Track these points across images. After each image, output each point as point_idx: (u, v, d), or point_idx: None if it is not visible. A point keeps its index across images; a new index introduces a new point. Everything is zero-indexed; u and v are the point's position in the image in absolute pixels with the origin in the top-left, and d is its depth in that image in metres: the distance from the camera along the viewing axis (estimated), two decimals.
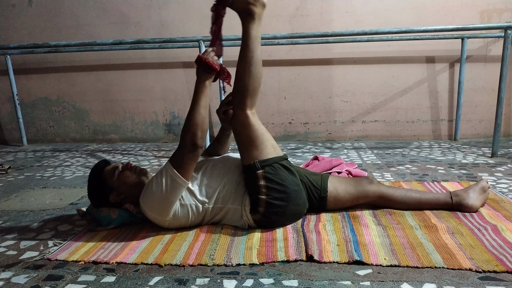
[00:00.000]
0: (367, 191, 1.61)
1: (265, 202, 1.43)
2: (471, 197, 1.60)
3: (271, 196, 1.43)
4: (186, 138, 1.40)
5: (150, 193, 1.42)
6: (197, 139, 1.39)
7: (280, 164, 1.47)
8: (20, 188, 2.26)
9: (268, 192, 1.43)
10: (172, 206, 1.43)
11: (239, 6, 1.47)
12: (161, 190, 1.39)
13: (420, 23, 3.30)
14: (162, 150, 3.38)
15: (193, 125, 1.40)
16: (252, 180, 1.45)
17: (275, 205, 1.43)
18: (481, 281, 1.08)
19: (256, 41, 1.48)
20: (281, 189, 1.44)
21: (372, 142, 3.50)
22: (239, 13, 1.49)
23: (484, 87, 3.42)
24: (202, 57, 1.44)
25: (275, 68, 3.58)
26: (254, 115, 1.50)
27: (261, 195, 1.43)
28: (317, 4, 3.42)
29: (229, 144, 1.76)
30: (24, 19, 3.74)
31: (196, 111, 1.41)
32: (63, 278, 1.18)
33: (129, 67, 3.76)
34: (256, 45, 1.48)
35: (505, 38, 2.47)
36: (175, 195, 1.41)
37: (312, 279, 1.13)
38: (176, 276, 1.18)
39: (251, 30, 1.47)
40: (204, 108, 1.43)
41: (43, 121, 3.97)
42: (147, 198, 1.43)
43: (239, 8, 1.48)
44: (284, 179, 1.45)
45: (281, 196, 1.44)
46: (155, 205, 1.43)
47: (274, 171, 1.44)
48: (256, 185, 1.44)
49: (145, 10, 3.61)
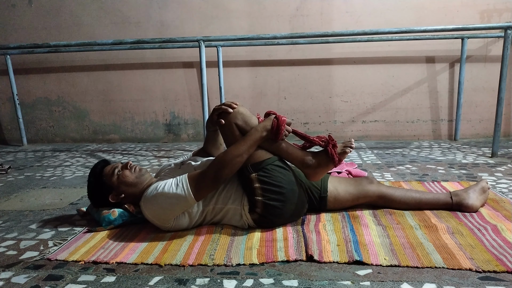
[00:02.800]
0: (367, 191, 1.61)
1: (262, 203, 1.43)
2: (471, 197, 1.60)
3: (267, 197, 1.43)
4: (217, 172, 1.39)
5: (156, 200, 1.41)
6: (225, 175, 1.40)
7: (273, 165, 1.46)
8: (20, 188, 2.26)
9: (264, 193, 1.43)
10: (174, 216, 1.44)
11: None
12: (169, 201, 1.39)
13: (420, 23, 3.30)
14: (162, 150, 3.38)
15: (231, 166, 1.40)
16: (247, 183, 1.46)
17: (272, 205, 1.43)
18: (481, 281, 1.08)
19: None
20: (277, 190, 1.44)
21: (372, 142, 3.49)
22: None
23: (484, 87, 3.42)
24: (280, 121, 1.42)
25: (275, 68, 3.58)
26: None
27: (257, 196, 1.43)
28: (317, 4, 3.42)
29: (219, 141, 1.73)
30: (24, 19, 3.74)
31: (241, 157, 1.40)
32: (63, 278, 1.18)
33: (129, 67, 3.76)
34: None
35: (505, 38, 2.47)
36: (180, 210, 1.42)
37: (312, 279, 1.13)
38: (176, 276, 1.18)
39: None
40: (248, 155, 1.42)
41: (43, 121, 3.97)
42: (151, 203, 1.43)
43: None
44: (280, 180, 1.45)
45: (277, 197, 1.44)
46: (158, 212, 1.43)
47: (267, 173, 1.43)
48: (251, 188, 1.44)
49: (145, 10, 3.61)
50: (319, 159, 1.46)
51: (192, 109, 3.76)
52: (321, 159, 1.46)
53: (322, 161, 1.45)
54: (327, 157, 1.45)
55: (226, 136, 1.50)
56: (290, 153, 1.48)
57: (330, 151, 1.43)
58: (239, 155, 1.40)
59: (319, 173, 1.47)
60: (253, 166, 1.43)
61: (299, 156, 1.48)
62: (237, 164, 1.41)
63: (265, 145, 1.46)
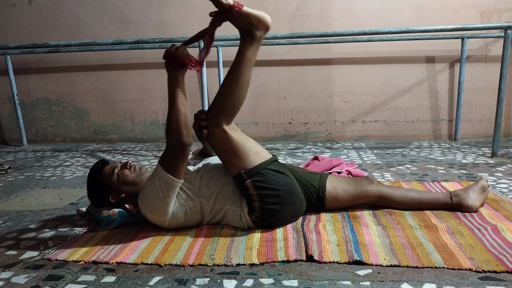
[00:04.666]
0: (366, 191, 1.61)
1: (260, 208, 1.43)
2: (471, 197, 1.60)
3: (264, 201, 1.43)
4: (171, 138, 1.37)
5: (146, 195, 1.42)
6: (183, 137, 1.36)
7: (268, 169, 1.45)
8: (20, 188, 2.26)
9: (261, 198, 1.42)
10: (169, 206, 1.43)
11: (242, 25, 1.41)
12: (156, 192, 1.39)
13: (420, 23, 3.30)
14: (162, 150, 3.36)
15: (175, 123, 1.35)
16: (243, 189, 1.45)
17: (270, 209, 1.43)
18: (481, 281, 1.08)
19: (249, 64, 1.42)
20: (274, 193, 1.43)
21: (372, 142, 3.49)
22: (240, 32, 1.44)
23: (484, 87, 3.42)
24: (171, 52, 1.36)
25: (275, 68, 3.58)
26: (231, 129, 1.43)
27: (255, 201, 1.43)
28: (317, 4, 3.42)
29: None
30: (24, 19, 3.74)
31: (175, 110, 1.36)
32: (63, 278, 1.18)
33: (129, 67, 3.76)
34: (248, 68, 1.42)
35: (505, 38, 2.47)
36: (170, 196, 1.41)
37: (312, 279, 1.13)
38: (176, 276, 1.18)
39: (248, 52, 1.42)
40: (182, 105, 1.37)
41: (43, 121, 3.97)
42: (144, 200, 1.44)
43: (241, 27, 1.42)
44: (275, 183, 1.44)
45: (274, 200, 1.43)
46: (153, 207, 1.43)
47: (262, 177, 1.42)
48: (248, 194, 1.44)
49: (145, 10, 3.61)
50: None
51: (192, 109, 3.71)
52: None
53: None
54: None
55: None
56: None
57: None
58: (172, 107, 1.37)
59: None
60: (246, 172, 1.42)
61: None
62: (183, 117, 1.36)
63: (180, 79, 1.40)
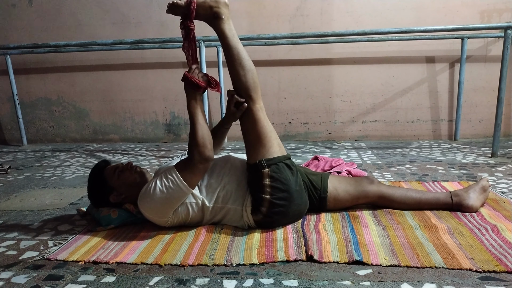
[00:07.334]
0: (367, 191, 1.61)
1: (268, 202, 1.43)
2: (471, 197, 1.60)
3: (274, 196, 1.43)
4: (196, 152, 1.40)
5: (151, 197, 1.41)
6: (207, 151, 1.40)
7: (284, 164, 1.47)
8: (20, 188, 2.26)
9: (272, 191, 1.43)
10: (173, 209, 1.43)
11: (204, 14, 1.48)
12: (164, 195, 1.39)
13: (420, 23, 3.30)
14: (162, 150, 3.38)
15: (200, 138, 1.40)
16: (256, 178, 1.45)
17: (278, 204, 1.43)
18: (481, 281, 1.08)
19: (235, 38, 1.48)
20: (284, 188, 1.44)
21: (372, 142, 3.49)
22: (207, 20, 1.50)
23: (484, 87, 3.42)
24: (188, 76, 1.45)
25: (275, 68, 3.58)
26: (263, 110, 1.50)
27: (265, 194, 1.43)
28: (317, 4, 3.42)
29: (224, 140, 1.75)
30: (24, 19, 3.74)
31: (197, 128, 1.41)
32: (63, 278, 1.18)
33: (129, 67, 3.76)
34: (236, 42, 1.48)
35: (505, 38, 2.47)
36: (178, 201, 1.42)
37: (312, 279, 1.13)
38: (176, 276, 1.18)
39: (225, 30, 1.48)
40: (203, 122, 1.44)
41: (43, 121, 3.97)
42: (146, 201, 1.42)
43: (205, 16, 1.48)
44: (288, 179, 1.45)
45: (284, 195, 1.44)
46: (155, 208, 1.43)
47: (279, 170, 1.44)
48: (260, 184, 1.44)
49: (145, 10, 3.62)
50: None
51: None
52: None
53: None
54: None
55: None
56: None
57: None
58: (194, 125, 1.41)
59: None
60: (267, 160, 1.44)
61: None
62: (206, 132, 1.41)
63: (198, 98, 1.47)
